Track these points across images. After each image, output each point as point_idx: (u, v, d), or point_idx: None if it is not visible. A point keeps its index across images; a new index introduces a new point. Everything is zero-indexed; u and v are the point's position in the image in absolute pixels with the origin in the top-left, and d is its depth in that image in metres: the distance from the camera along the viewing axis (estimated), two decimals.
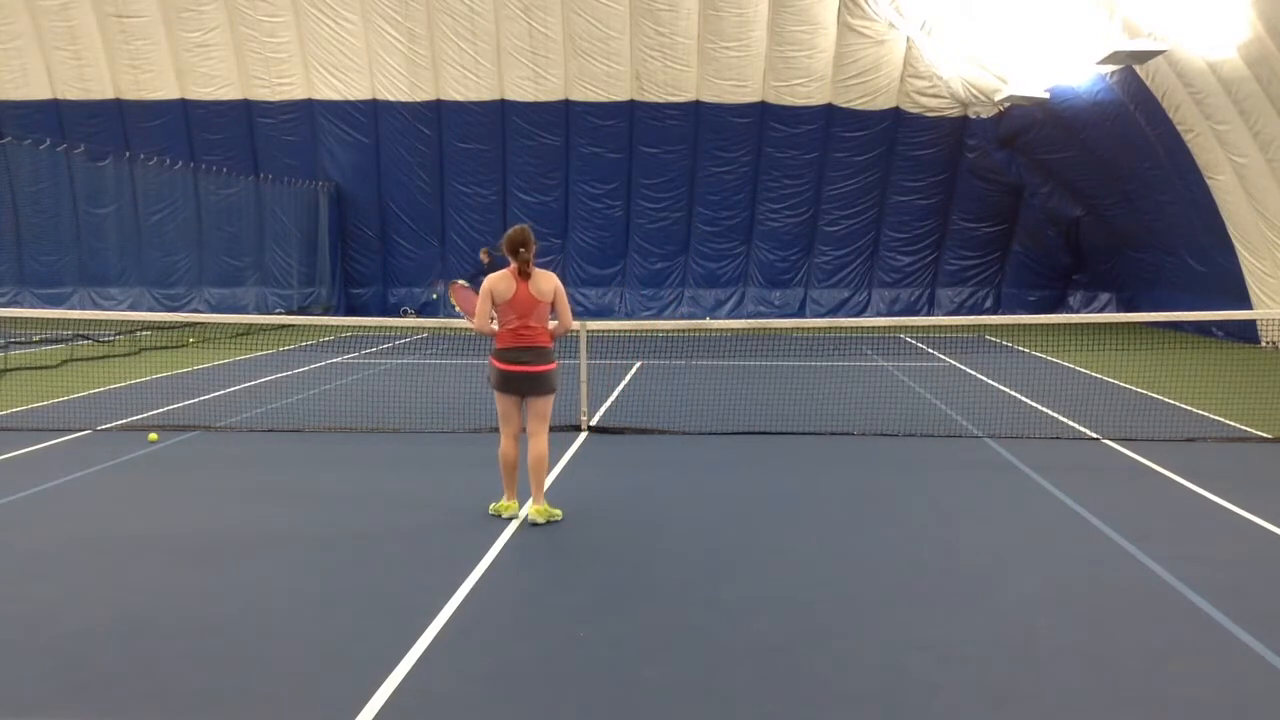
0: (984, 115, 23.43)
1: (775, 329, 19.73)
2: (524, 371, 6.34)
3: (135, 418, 10.34)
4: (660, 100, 24.28)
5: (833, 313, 25.09)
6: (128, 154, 23.71)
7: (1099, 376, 13.88)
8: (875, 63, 23.45)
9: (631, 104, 24.35)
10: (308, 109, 25.09)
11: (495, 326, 6.45)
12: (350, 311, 25.70)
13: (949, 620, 4.85)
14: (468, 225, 25.79)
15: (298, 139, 25.32)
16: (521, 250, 6.26)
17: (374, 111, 25.01)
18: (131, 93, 25.03)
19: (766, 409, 10.80)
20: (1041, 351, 17.05)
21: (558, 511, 6.57)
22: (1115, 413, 10.61)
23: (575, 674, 4.23)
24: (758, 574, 5.55)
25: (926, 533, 6.41)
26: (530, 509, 6.50)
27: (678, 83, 24.02)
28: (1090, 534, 6.33)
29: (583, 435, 9.56)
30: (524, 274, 6.30)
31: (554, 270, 6.23)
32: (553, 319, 6.55)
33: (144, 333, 18.54)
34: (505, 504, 6.60)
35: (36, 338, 17.63)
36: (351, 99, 24.92)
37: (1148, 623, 4.84)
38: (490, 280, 6.37)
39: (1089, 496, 7.20)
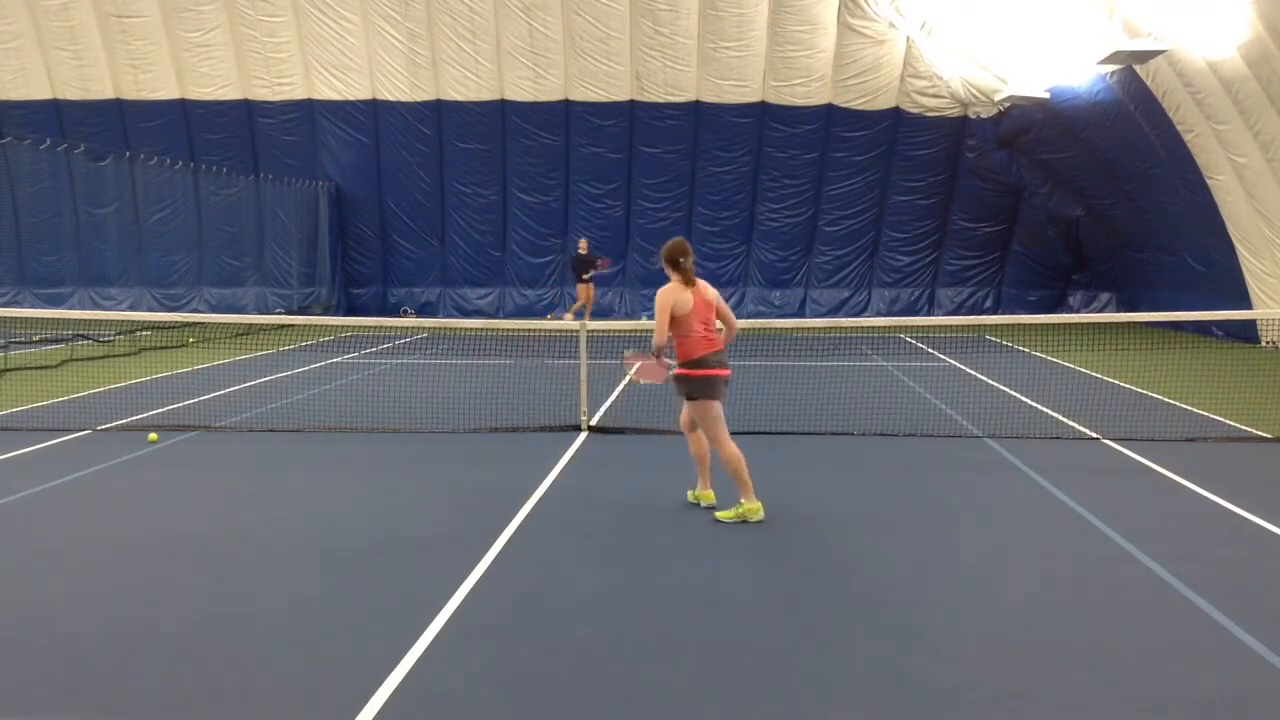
0: (984, 115, 23.42)
1: (775, 329, 19.72)
2: (727, 375, 6.68)
3: (135, 418, 10.34)
4: (660, 100, 24.28)
5: (833, 313, 25.06)
6: (128, 154, 23.70)
7: (1099, 376, 13.88)
8: (875, 63, 23.45)
9: (631, 104, 24.35)
10: (308, 109, 25.09)
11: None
12: (350, 311, 25.68)
13: (949, 620, 4.85)
14: (468, 225, 25.78)
15: (298, 139, 25.32)
16: (682, 260, 6.51)
17: (374, 111, 25.01)
18: (131, 93, 25.02)
19: (766, 409, 10.80)
20: (1041, 351, 17.05)
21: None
22: (1115, 413, 10.61)
23: (575, 674, 4.24)
24: (757, 573, 5.55)
25: (926, 532, 6.42)
26: (754, 506, 6.55)
27: (678, 83, 24.01)
28: (1090, 534, 6.33)
29: (582, 435, 9.56)
30: (690, 283, 6.54)
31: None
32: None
33: (144, 333, 18.53)
34: (706, 493, 6.84)
35: (36, 338, 17.63)
36: (351, 99, 24.91)
37: (1148, 623, 4.84)
38: (666, 296, 6.49)
39: (1089, 496, 7.20)
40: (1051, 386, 12.84)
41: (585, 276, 22.22)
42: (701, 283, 6.65)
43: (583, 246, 22.34)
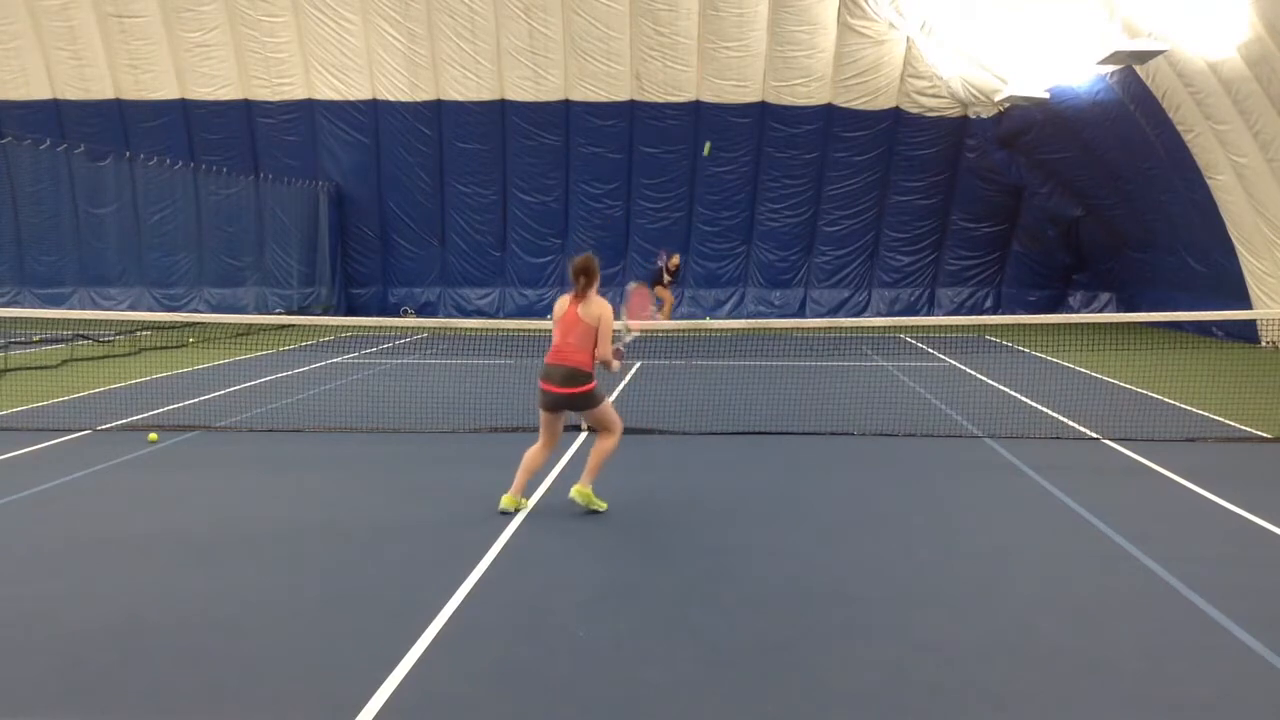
0: (984, 115, 23.42)
1: (775, 329, 19.72)
2: (552, 391, 6.64)
3: (135, 418, 10.33)
4: (660, 100, 24.29)
5: (833, 313, 25.08)
6: (128, 154, 23.71)
7: (1099, 376, 13.88)
8: (875, 63, 23.46)
9: (631, 104, 24.36)
10: (308, 109, 25.10)
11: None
12: (350, 311, 25.70)
13: (949, 620, 4.85)
14: (468, 225, 25.78)
15: (298, 139, 25.33)
16: (582, 278, 6.62)
17: (374, 111, 25.02)
18: (131, 93, 25.03)
19: (766, 409, 10.80)
20: (1041, 351, 17.05)
21: (601, 504, 6.78)
22: (1115, 413, 10.61)
23: (575, 674, 4.24)
24: (757, 574, 5.55)
25: (927, 533, 6.41)
26: (575, 488, 6.78)
27: (678, 83, 24.02)
28: (1090, 534, 6.33)
29: (582, 435, 9.55)
30: (577, 297, 6.64)
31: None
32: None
33: (144, 333, 18.53)
34: (508, 498, 6.76)
35: (36, 338, 17.63)
36: (351, 99, 24.93)
37: (1148, 623, 4.84)
38: (559, 301, 6.82)
39: (1089, 496, 7.20)
40: (1051, 386, 12.84)
41: (665, 282, 21.27)
42: (596, 301, 6.59)
43: (674, 263, 20.45)
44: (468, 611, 4.94)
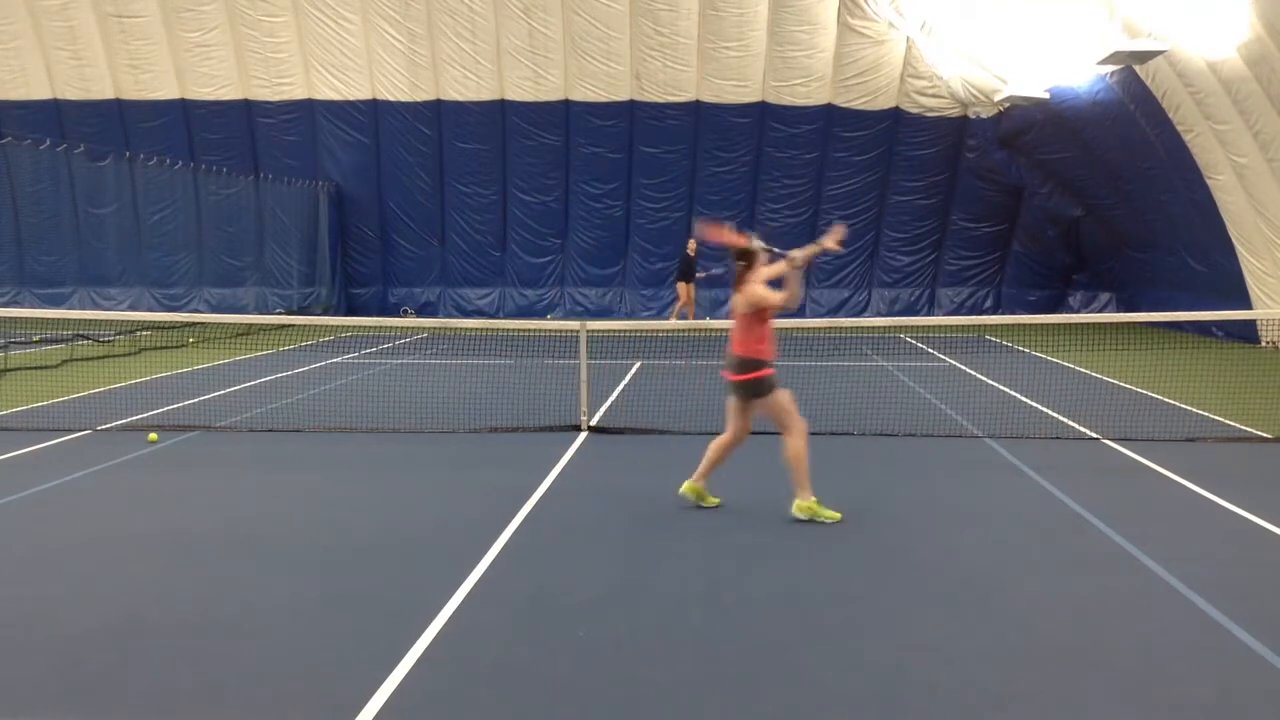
0: (984, 115, 23.41)
1: (775, 329, 19.68)
2: (726, 378, 6.70)
3: (135, 418, 10.34)
4: (660, 100, 24.28)
5: (833, 313, 25.06)
6: (128, 154, 23.70)
7: (1099, 376, 13.88)
8: (875, 63, 23.45)
9: (631, 104, 24.35)
10: (308, 109, 25.10)
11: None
12: (350, 311, 25.68)
13: (949, 620, 4.85)
14: (468, 225, 25.78)
15: (298, 139, 25.32)
16: (739, 264, 6.53)
17: (374, 111, 25.01)
18: (131, 93, 25.03)
19: None
20: (1041, 351, 17.04)
21: (833, 514, 6.53)
22: (1115, 413, 10.61)
23: (575, 674, 4.24)
24: (757, 574, 5.55)
25: (926, 533, 6.41)
26: (795, 503, 6.59)
27: (678, 83, 24.01)
28: (1090, 534, 6.33)
29: (582, 435, 9.56)
30: (739, 283, 6.56)
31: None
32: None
33: (144, 333, 18.53)
34: (689, 485, 6.84)
35: (36, 338, 17.62)
36: (351, 99, 24.92)
37: (1148, 623, 4.84)
38: None
39: (1089, 496, 7.20)
40: (1051, 386, 12.84)
41: (699, 276, 21.34)
42: (747, 286, 6.48)
43: (691, 248, 21.18)
44: (468, 611, 4.94)
